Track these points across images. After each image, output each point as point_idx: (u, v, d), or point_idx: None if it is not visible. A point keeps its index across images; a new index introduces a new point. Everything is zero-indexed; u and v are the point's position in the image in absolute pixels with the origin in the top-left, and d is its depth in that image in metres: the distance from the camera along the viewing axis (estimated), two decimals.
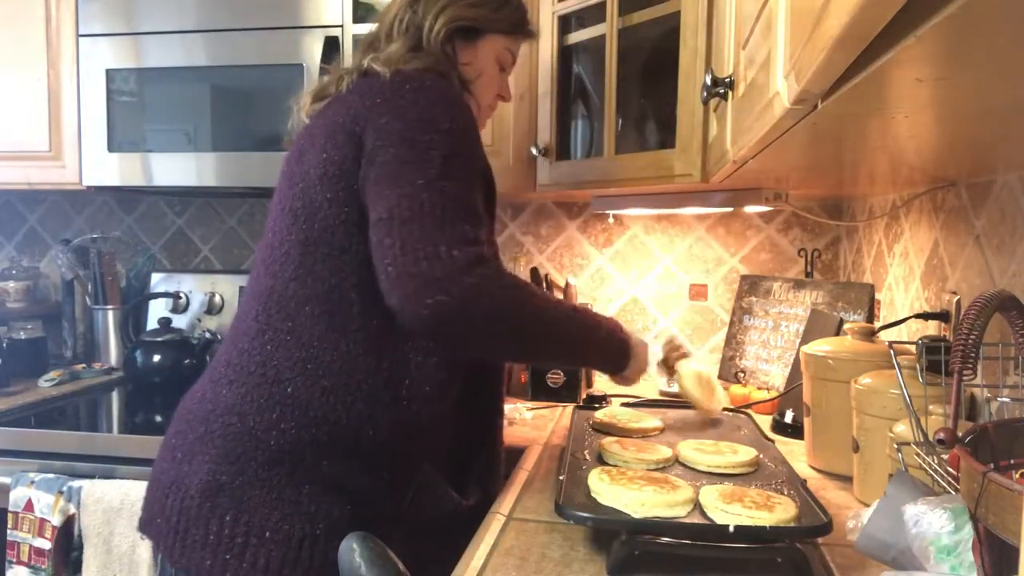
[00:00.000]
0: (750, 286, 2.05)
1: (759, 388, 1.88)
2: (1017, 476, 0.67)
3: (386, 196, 1.01)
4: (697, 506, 1.01)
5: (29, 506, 1.58)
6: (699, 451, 1.22)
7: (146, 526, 1.13)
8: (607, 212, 2.14)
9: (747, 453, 1.21)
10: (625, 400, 1.75)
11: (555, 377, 1.93)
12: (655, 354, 1.42)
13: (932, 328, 1.32)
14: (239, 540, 1.01)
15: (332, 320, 1.07)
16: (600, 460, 1.22)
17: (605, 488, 1.03)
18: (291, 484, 1.03)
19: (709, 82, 1.08)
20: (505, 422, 1.71)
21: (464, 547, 1.00)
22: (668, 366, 1.50)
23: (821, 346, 1.39)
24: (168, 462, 1.11)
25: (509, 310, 1.02)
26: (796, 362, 1.63)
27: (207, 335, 2.20)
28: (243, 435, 1.05)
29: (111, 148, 2.01)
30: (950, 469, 0.80)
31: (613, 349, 1.24)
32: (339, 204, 1.06)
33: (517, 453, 1.47)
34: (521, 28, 1.32)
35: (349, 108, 1.09)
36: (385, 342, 1.07)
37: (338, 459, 1.05)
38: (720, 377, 2.06)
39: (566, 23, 1.82)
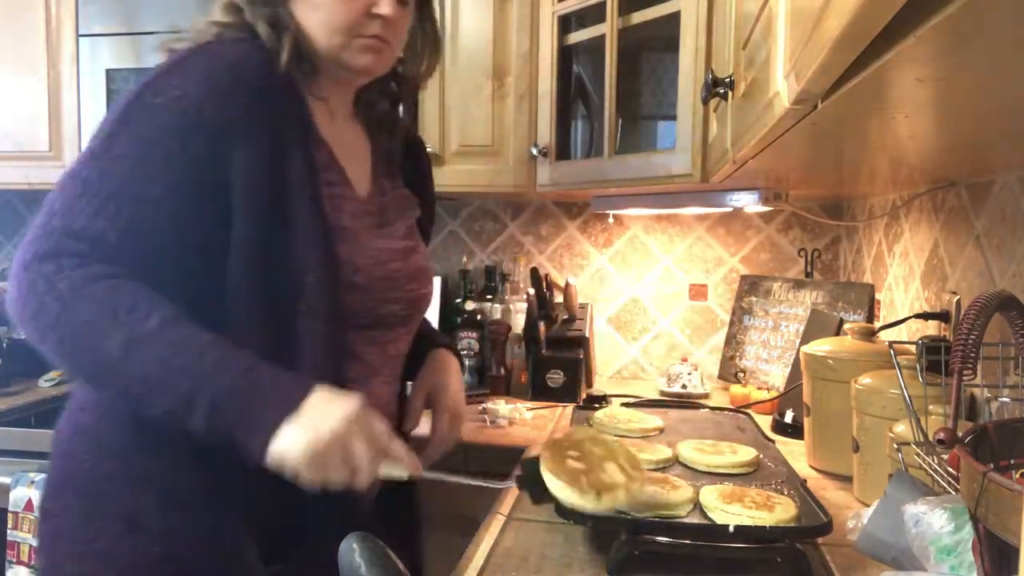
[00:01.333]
0: (750, 286, 2.05)
1: (759, 388, 1.88)
2: (1017, 476, 0.67)
3: None
4: (697, 506, 1.01)
5: (29, 506, 1.58)
6: (699, 451, 1.22)
7: None
8: (607, 212, 2.14)
9: (747, 453, 1.21)
10: (625, 400, 1.76)
11: (555, 377, 1.93)
12: (380, 431, 0.88)
13: (932, 328, 1.32)
14: (50, 572, 0.96)
15: None
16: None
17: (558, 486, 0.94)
18: (96, 518, 0.93)
19: (709, 82, 1.08)
20: (505, 423, 1.72)
21: None
22: None
23: (821, 346, 1.39)
24: None
25: (57, 319, 0.83)
26: (796, 362, 1.63)
27: None
28: (61, 462, 0.98)
29: None
30: (950, 469, 0.80)
31: (231, 400, 0.83)
32: None
33: (517, 453, 1.47)
34: None
35: None
36: None
37: (133, 495, 0.93)
38: (720, 377, 2.06)
39: (566, 23, 1.82)
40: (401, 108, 1.18)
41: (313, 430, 0.82)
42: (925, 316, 1.32)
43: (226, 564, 0.94)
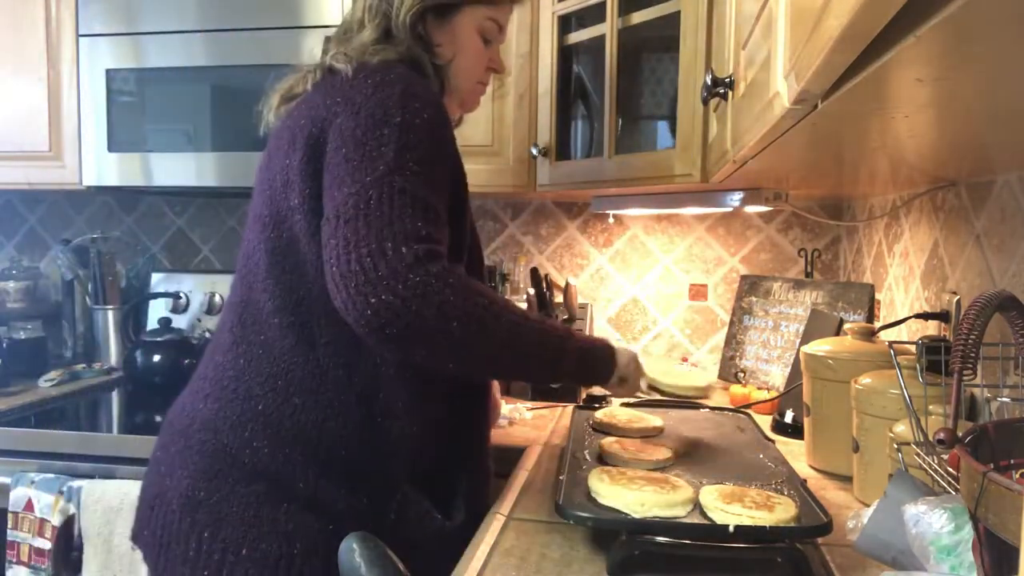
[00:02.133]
0: (750, 286, 2.05)
1: (759, 388, 1.88)
2: (1017, 476, 0.67)
3: (334, 197, 0.96)
4: (697, 506, 1.01)
5: (29, 506, 1.58)
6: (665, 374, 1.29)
7: (137, 537, 1.12)
8: (607, 212, 2.14)
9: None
10: (625, 400, 1.75)
11: None
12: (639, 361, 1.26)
13: (932, 328, 1.32)
14: (216, 557, 0.99)
15: (302, 333, 1.03)
16: (600, 460, 1.22)
17: (605, 488, 1.03)
18: (268, 502, 1.00)
19: (709, 82, 1.08)
20: (505, 423, 1.72)
21: (450, 570, 0.94)
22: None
23: (821, 346, 1.39)
24: (154, 475, 1.11)
25: (461, 313, 0.93)
26: (796, 362, 1.63)
27: (207, 335, 2.20)
28: (219, 452, 1.02)
29: (111, 148, 2.01)
30: (950, 469, 0.80)
31: (591, 360, 1.14)
32: (303, 212, 1.01)
33: (517, 453, 1.47)
34: None
35: (311, 109, 1.04)
36: (355, 355, 1.03)
37: (314, 478, 1.01)
38: (720, 377, 2.06)
39: (566, 23, 1.82)
40: None
41: (626, 367, 1.21)
42: (925, 316, 1.32)
43: (403, 532, 1.06)
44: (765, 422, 1.60)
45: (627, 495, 1.00)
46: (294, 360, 1.03)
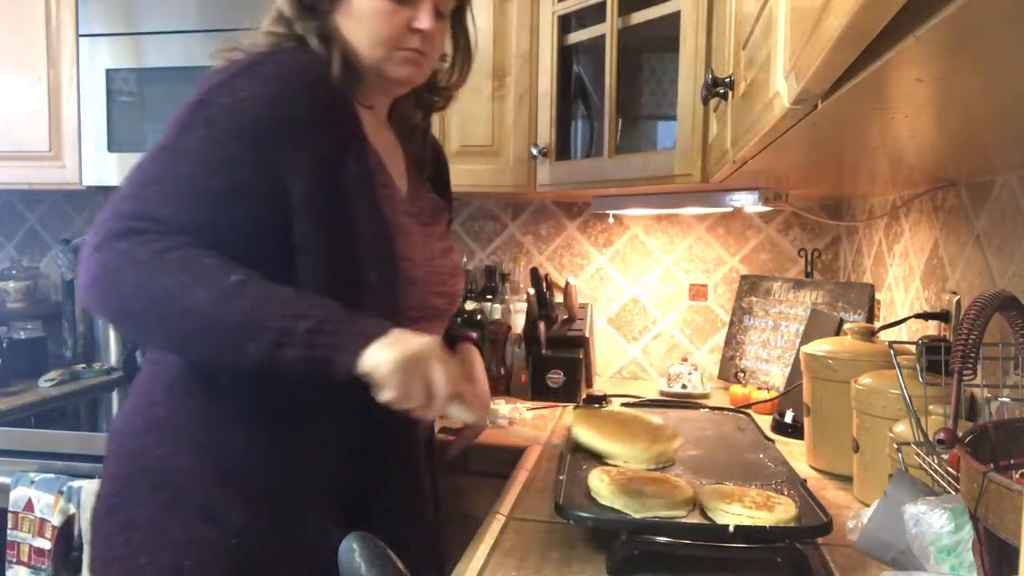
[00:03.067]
0: (750, 286, 2.05)
1: (759, 388, 1.88)
2: (1017, 476, 0.67)
3: None
4: (697, 506, 1.01)
5: (29, 506, 1.58)
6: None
7: None
8: (607, 212, 2.14)
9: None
10: (625, 400, 1.76)
11: (555, 377, 1.93)
12: (456, 372, 0.94)
13: (932, 328, 1.32)
14: (125, 563, 0.97)
15: None
16: (600, 460, 1.22)
17: (605, 488, 1.03)
18: (172, 511, 0.96)
19: (709, 82, 1.08)
20: (505, 423, 1.72)
21: None
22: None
23: (821, 346, 1.39)
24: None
25: (138, 289, 0.86)
26: (796, 362, 1.63)
27: None
28: (130, 458, 1.00)
29: (111, 148, 2.01)
30: (950, 469, 0.80)
31: (322, 336, 0.86)
32: None
33: (517, 453, 1.47)
34: None
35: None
36: None
37: (211, 488, 0.96)
38: (720, 377, 2.06)
39: (566, 23, 1.82)
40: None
41: (403, 346, 0.87)
42: (925, 316, 1.32)
43: (304, 555, 0.98)
44: (765, 422, 1.60)
45: (627, 496, 1.00)
46: (192, 365, 0.99)
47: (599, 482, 1.05)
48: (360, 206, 0.98)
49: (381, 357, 0.86)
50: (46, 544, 1.56)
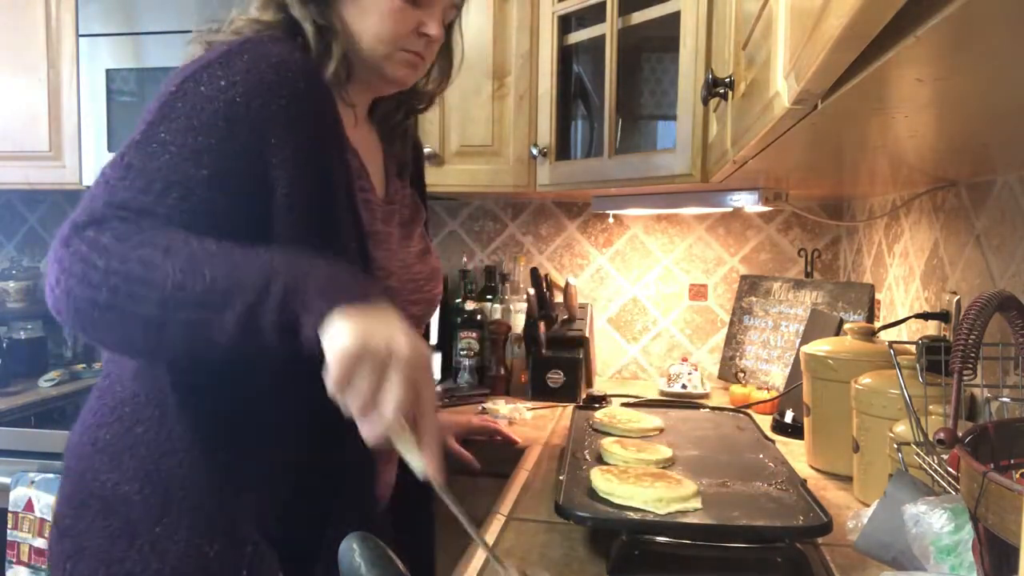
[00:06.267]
0: (750, 286, 2.05)
1: (759, 388, 1.88)
2: (1017, 476, 0.67)
3: None
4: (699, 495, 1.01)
5: (29, 506, 1.58)
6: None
7: None
8: (607, 212, 2.14)
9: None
10: (625, 400, 1.76)
11: (555, 377, 1.93)
12: (429, 395, 0.77)
13: (932, 328, 1.32)
14: None
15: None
16: (600, 460, 1.22)
17: (616, 487, 1.03)
18: (121, 539, 0.92)
19: (709, 82, 1.08)
20: (505, 423, 1.72)
21: None
22: None
23: (821, 346, 1.39)
24: None
25: (96, 276, 0.77)
26: (796, 362, 1.63)
27: None
28: (79, 479, 0.96)
29: (111, 148, 2.01)
30: (950, 469, 0.80)
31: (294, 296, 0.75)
32: None
33: (517, 453, 1.47)
34: None
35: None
36: (200, 378, 0.92)
37: (157, 517, 0.91)
38: (720, 377, 2.06)
39: (566, 23, 1.82)
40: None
41: (367, 330, 0.72)
42: (925, 316, 1.32)
43: None
44: (765, 422, 1.60)
45: (643, 493, 1.00)
46: (137, 385, 0.94)
47: (607, 482, 1.05)
48: (337, 209, 0.93)
49: (341, 328, 0.72)
50: (46, 544, 1.56)
